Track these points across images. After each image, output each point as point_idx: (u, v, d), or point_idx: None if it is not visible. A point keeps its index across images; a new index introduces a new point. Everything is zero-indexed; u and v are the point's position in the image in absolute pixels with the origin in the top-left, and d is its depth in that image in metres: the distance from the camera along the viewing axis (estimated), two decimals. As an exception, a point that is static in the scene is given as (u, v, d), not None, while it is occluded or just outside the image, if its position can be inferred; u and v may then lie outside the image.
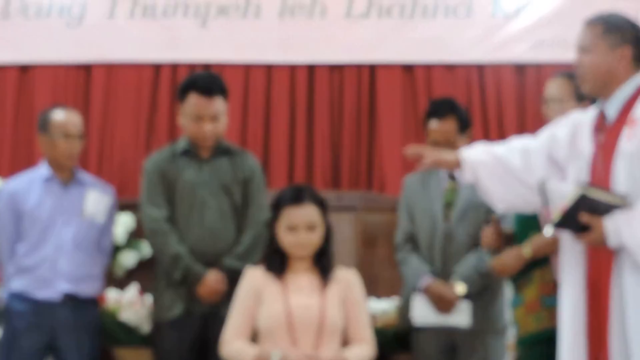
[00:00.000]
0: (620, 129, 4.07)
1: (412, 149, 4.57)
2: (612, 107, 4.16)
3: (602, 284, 4.00)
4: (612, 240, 3.90)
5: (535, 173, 4.32)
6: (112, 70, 8.43)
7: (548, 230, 4.21)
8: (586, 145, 4.22)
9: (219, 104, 5.60)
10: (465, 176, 4.46)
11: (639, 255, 3.85)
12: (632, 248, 3.86)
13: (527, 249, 4.73)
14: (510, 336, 5.60)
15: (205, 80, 5.68)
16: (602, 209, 3.92)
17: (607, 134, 4.14)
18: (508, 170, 4.39)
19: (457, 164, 4.45)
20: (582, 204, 3.91)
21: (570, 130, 4.35)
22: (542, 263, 4.75)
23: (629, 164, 3.98)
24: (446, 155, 4.54)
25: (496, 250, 4.98)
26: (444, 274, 5.57)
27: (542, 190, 4.16)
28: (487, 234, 4.92)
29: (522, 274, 4.92)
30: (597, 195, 3.93)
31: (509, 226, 5.14)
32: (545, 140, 4.43)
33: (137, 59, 8.40)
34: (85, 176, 5.94)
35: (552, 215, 4.05)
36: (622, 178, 4.00)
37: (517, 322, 5.01)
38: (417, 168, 4.66)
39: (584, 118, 4.35)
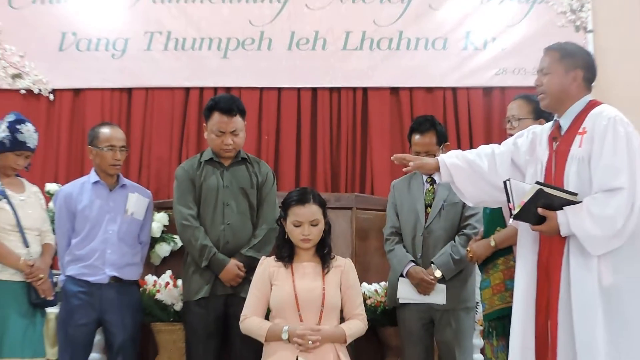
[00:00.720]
0: (573, 138, 4.11)
1: (398, 156, 4.58)
2: (566, 120, 4.20)
3: (553, 266, 4.04)
4: (564, 230, 3.94)
5: (500, 175, 4.36)
6: (149, 93, 8.39)
7: (511, 222, 4.34)
8: (543, 152, 4.27)
9: (238, 122, 5.61)
10: (442, 177, 4.50)
11: (585, 242, 3.90)
12: (580, 236, 3.90)
13: (493, 241, 4.73)
14: (479, 312, 5.58)
15: (226, 102, 5.67)
16: (555, 204, 3.96)
17: (561, 142, 4.18)
18: (477, 172, 4.44)
19: (436, 167, 4.49)
20: (539, 199, 3.96)
21: (529, 139, 4.40)
22: (506, 252, 4.76)
23: (578, 166, 4.04)
24: (427, 159, 4.60)
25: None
26: (424, 261, 5.57)
27: (506, 188, 4.18)
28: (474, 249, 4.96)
29: (489, 262, 4.93)
30: (552, 192, 3.97)
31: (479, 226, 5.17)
32: (508, 147, 4.48)
33: (170, 84, 8.37)
34: (127, 181, 5.93)
35: (514, 209, 4.08)
36: (573, 178, 4.05)
37: (485, 301, 5.02)
38: (403, 170, 4.67)
39: (541, 130, 4.38)
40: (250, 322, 4.93)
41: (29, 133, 5.28)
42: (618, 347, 3.86)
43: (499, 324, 4.82)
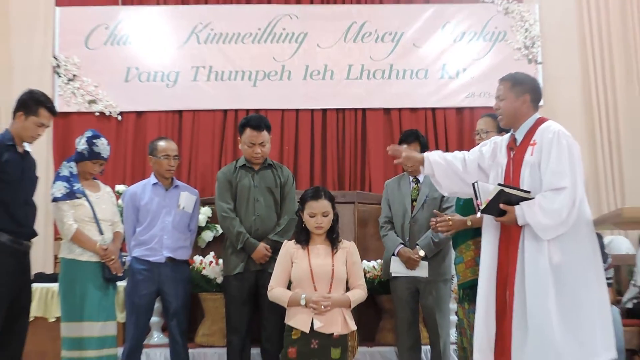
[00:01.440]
0: (526, 148, 4.14)
1: (392, 147, 4.62)
2: (520, 134, 4.22)
3: (512, 249, 4.06)
4: (520, 220, 3.97)
5: (470, 174, 4.41)
6: (195, 115, 8.43)
7: (478, 215, 4.33)
8: (502, 158, 4.29)
9: (265, 136, 5.60)
10: (425, 170, 4.53)
11: (537, 229, 3.93)
12: (533, 225, 3.93)
13: (469, 221, 4.73)
14: (454, 283, 5.58)
15: (256, 120, 5.67)
16: (513, 200, 3.99)
17: (517, 151, 4.20)
18: (453, 170, 4.46)
19: (421, 161, 4.51)
20: (500, 197, 3.99)
21: (492, 148, 4.41)
22: (477, 235, 4.76)
23: (531, 170, 4.07)
24: (415, 153, 4.63)
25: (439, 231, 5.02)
26: (411, 244, 5.55)
27: (474, 189, 4.22)
28: (433, 223, 4.93)
29: (463, 243, 4.95)
30: (510, 191, 4.00)
31: (451, 213, 5.17)
32: (476, 154, 4.48)
33: (211, 108, 8.41)
34: (179, 182, 5.91)
35: (481, 205, 4.11)
36: (527, 180, 4.08)
37: (459, 274, 5.00)
38: (395, 162, 4.70)
39: (501, 141, 4.39)
40: (276, 291, 4.94)
41: (103, 146, 5.29)
42: (565, 312, 3.88)
43: (470, 292, 4.80)
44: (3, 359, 4.88)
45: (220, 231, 6.22)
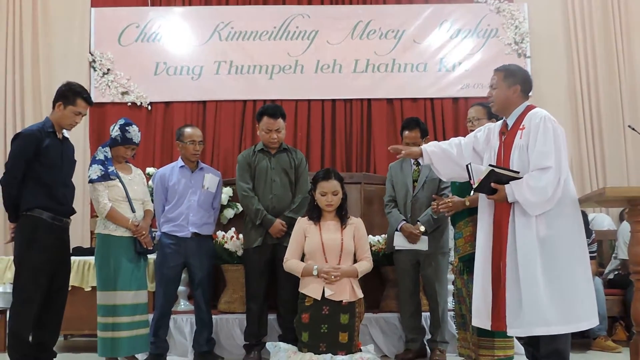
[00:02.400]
0: (515, 132, 4.11)
1: (393, 147, 4.59)
2: (511, 120, 4.18)
3: (503, 224, 4.05)
4: (510, 198, 3.96)
5: (465, 158, 4.37)
6: (218, 105, 8.39)
7: (472, 194, 4.45)
8: (495, 142, 4.26)
9: (281, 123, 5.59)
10: (424, 160, 4.52)
11: (525, 206, 3.92)
12: (522, 202, 3.92)
13: (467, 201, 4.72)
14: (451, 256, 5.56)
15: (272, 109, 5.67)
16: (504, 180, 3.98)
17: (507, 135, 4.17)
18: (449, 157, 4.45)
19: (420, 154, 4.50)
20: (491, 177, 3.98)
21: (486, 133, 4.39)
22: (474, 213, 4.73)
23: (520, 152, 4.05)
24: (414, 148, 4.58)
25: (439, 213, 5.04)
26: (412, 220, 5.54)
27: (468, 170, 4.23)
28: (435, 206, 4.91)
29: (462, 219, 4.92)
30: (501, 171, 3.99)
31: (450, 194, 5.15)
32: (471, 139, 4.46)
33: (232, 98, 8.37)
34: (204, 165, 5.91)
35: (475, 184, 4.10)
36: (516, 161, 4.06)
37: (459, 248, 4.95)
38: (397, 157, 4.70)
39: (494, 127, 4.37)
40: (291, 263, 4.97)
41: (134, 132, 5.28)
42: (552, 280, 3.88)
43: (469, 264, 4.77)
44: (45, 324, 4.92)
45: (241, 209, 6.20)
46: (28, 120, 7.99)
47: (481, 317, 4.16)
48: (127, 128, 5.26)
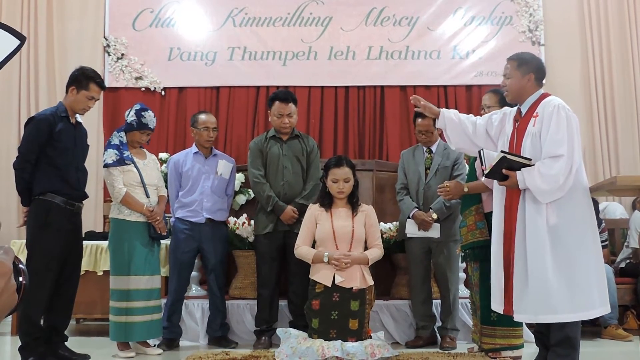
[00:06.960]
0: (529, 119, 4.10)
1: (414, 97, 4.56)
2: (525, 107, 4.18)
3: (514, 209, 4.06)
4: (521, 185, 3.96)
5: (478, 138, 4.44)
6: (231, 90, 8.40)
7: (483, 179, 4.49)
8: (509, 128, 4.26)
9: (292, 107, 5.60)
10: (439, 123, 4.52)
11: (536, 193, 3.92)
12: (533, 189, 3.92)
13: (466, 187, 4.75)
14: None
15: (284, 94, 5.69)
16: (515, 166, 3.97)
17: (521, 122, 4.17)
18: (463, 129, 4.46)
19: (437, 114, 4.50)
20: (503, 163, 3.98)
21: (501, 118, 4.39)
22: (477, 202, 4.74)
23: (532, 139, 4.04)
24: (433, 105, 4.54)
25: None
26: (424, 207, 5.56)
27: (480, 156, 4.30)
28: (442, 191, 4.92)
29: (466, 209, 4.91)
30: (513, 158, 3.98)
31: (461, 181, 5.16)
32: (486, 120, 4.46)
33: (245, 84, 8.37)
34: (217, 151, 5.93)
35: (486, 170, 4.16)
36: (528, 148, 4.05)
37: (462, 236, 4.97)
38: (415, 110, 4.74)
39: (510, 112, 4.36)
40: (302, 249, 4.97)
41: (150, 117, 5.30)
42: (561, 267, 3.87)
43: (471, 252, 4.80)
44: (57, 307, 4.95)
45: (253, 195, 6.22)
46: (42, 104, 8.03)
47: (496, 301, 4.21)
48: (143, 113, 5.28)
